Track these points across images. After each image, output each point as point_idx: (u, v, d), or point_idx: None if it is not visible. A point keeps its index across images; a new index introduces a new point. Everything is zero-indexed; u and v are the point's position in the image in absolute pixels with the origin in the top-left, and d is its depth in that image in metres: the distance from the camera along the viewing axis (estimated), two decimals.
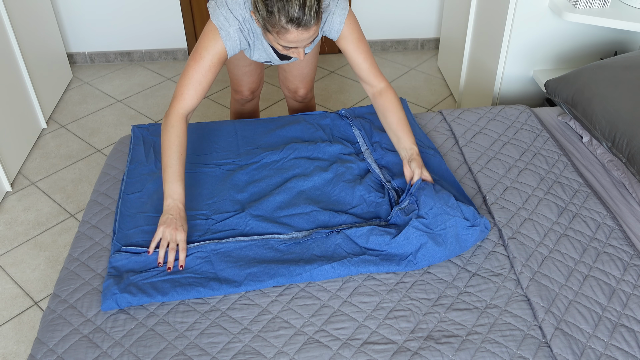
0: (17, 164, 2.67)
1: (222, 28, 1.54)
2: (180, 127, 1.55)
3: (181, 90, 1.57)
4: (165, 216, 1.48)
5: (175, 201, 1.50)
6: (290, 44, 1.45)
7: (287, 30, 1.41)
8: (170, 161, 1.52)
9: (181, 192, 1.51)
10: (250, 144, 1.89)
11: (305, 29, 1.41)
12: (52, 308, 1.38)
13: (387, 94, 1.69)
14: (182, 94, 1.57)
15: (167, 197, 1.50)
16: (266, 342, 1.28)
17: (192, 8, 3.49)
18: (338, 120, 2.00)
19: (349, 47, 1.66)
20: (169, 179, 1.51)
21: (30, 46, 2.89)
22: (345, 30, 1.64)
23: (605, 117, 1.76)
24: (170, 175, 1.51)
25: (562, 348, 1.25)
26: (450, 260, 1.48)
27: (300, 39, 1.44)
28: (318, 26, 1.44)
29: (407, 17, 3.63)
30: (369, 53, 1.68)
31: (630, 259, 1.47)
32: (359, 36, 1.66)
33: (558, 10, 2.26)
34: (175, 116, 1.56)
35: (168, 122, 1.55)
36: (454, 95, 3.17)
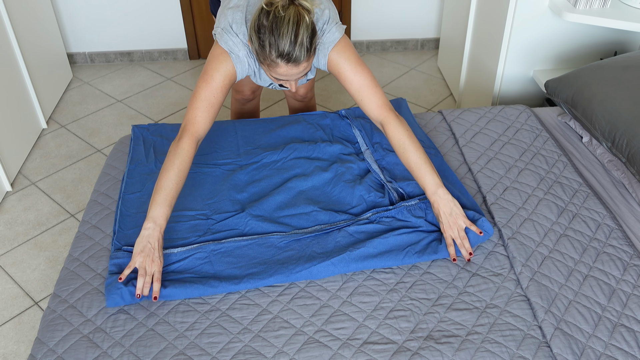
0: (17, 164, 2.67)
1: (232, 51, 1.54)
2: (189, 152, 1.48)
3: (193, 113, 1.52)
4: (143, 244, 1.39)
5: (157, 227, 1.40)
6: (280, 76, 1.46)
7: (277, 65, 1.42)
8: (166, 184, 1.44)
9: (165, 218, 1.42)
10: (250, 144, 1.89)
11: (295, 65, 1.42)
12: (52, 308, 1.38)
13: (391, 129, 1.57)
14: (195, 118, 1.52)
15: (149, 219, 1.41)
16: (266, 342, 1.28)
17: (192, 8, 3.49)
18: (338, 120, 2.00)
19: (340, 79, 1.60)
20: (159, 200, 1.42)
21: (30, 46, 2.89)
22: (332, 61, 1.58)
23: (605, 117, 1.76)
24: (161, 198, 1.42)
25: (562, 348, 1.25)
26: (450, 260, 1.48)
27: (290, 74, 1.45)
28: (309, 62, 1.45)
29: (407, 17, 3.63)
30: (363, 83, 1.57)
31: (630, 259, 1.47)
32: (350, 65, 1.57)
33: (558, 10, 2.26)
34: (186, 140, 1.49)
35: (178, 145, 1.48)
36: (454, 95, 3.17)
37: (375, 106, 1.59)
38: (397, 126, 1.57)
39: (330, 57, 1.58)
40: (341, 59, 1.58)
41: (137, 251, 1.39)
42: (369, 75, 1.59)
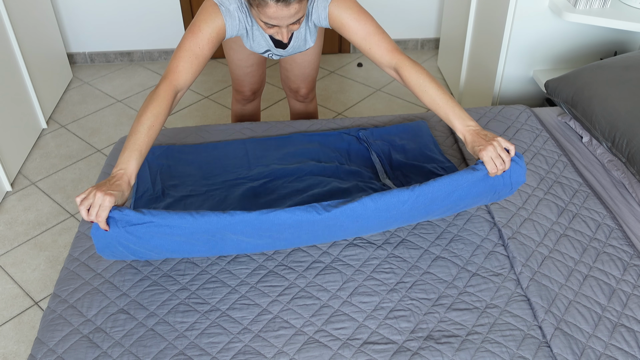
0: (17, 164, 2.67)
1: (222, 4, 1.50)
2: (166, 100, 1.41)
3: (175, 62, 1.46)
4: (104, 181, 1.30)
5: (123, 170, 1.31)
6: (270, 20, 1.40)
7: (267, 4, 1.36)
8: (140, 128, 1.36)
9: (134, 165, 1.33)
10: (261, 163, 1.78)
11: (285, 5, 1.36)
12: (52, 308, 1.39)
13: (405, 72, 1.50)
14: (177, 67, 1.45)
15: (118, 165, 1.33)
16: (266, 342, 1.28)
17: (192, 8, 3.49)
18: (355, 144, 1.87)
19: (344, 32, 1.54)
20: (129, 147, 1.34)
21: (30, 46, 2.89)
22: (332, 13, 1.53)
23: (605, 117, 1.76)
24: (131, 144, 1.34)
25: (562, 348, 1.25)
26: (450, 260, 1.48)
27: (280, 16, 1.38)
28: (301, 5, 1.38)
29: (407, 17, 3.63)
30: (368, 30, 1.52)
31: (630, 259, 1.47)
32: (352, 14, 1.51)
33: (558, 10, 2.26)
34: (164, 88, 1.42)
35: (155, 92, 1.42)
36: (454, 95, 3.17)
37: (385, 51, 1.53)
38: (412, 67, 1.50)
39: (331, 10, 1.53)
40: (342, 10, 1.52)
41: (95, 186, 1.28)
42: (373, 22, 1.53)
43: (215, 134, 1.99)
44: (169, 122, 3.04)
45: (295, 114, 2.33)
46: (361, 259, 1.49)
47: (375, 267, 1.46)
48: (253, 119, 2.35)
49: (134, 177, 1.33)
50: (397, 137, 1.90)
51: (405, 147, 1.84)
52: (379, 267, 1.46)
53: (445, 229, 1.58)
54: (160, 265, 1.48)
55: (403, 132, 1.93)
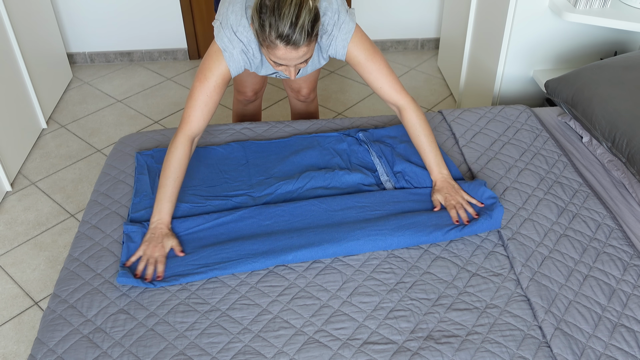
0: (17, 164, 2.67)
1: (225, 50, 1.55)
2: (184, 150, 1.57)
3: (188, 113, 1.58)
4: (149, 235, 1.51)
5: (162, 219, 1.53)
6: (279, 60, 1.45)
7: (276, 46, 1.41)
8: (166, 182, 1.55)
9: (168, 212, 1.54)
10: (262, 173, 1.77)
11: (294, 48, 1.41)
12: (52, 308, 1.39)
13: (405, 114, 1.68)
14: (190, 117, 1.58)
15: (155, 213, 1.54)
16: (266, 342, 1.28)
17: (192, 8, 3.49)
18: (355, 146, 1.87)
19: (358, 69, 1.66)
20: (161, 198, 1.54)
21: (30, 46, 2.89)
22: (350, 52, 1.62)
23: (605, 117, 1.76)
24: (163, 195, 1.54)
25: (562, 348, 1.25)
26: (450, 260, 1.48)
27: (288, 57, 1.44)
28: (309, 48, 1.44)
29: (407, 17, 3.63)
30: (381, 71, 1.65)
31: (630, 259, 1.47)
32: (368, 56, 1.63)
33: (558, 10, 2.26)
34: (181, 139, 1.57)
35: (173, 144, 1.58)
36: (454, 95, 3.17)
37: (394, 92, 1.67)
38: (415, 110, 1.68)
39: (350, 49, 1.62)
40: (359, 50, 1.62)
41: (144, 241, 1.49)
42: (385, 63, 1.66)
43: (215, 134, 1.98)
44: (170, 123, 3.04)
45: (296, 114, 2.33)
46: (361, 259, 1.49)
47: (375, 267, 1.47)
48: (254, 119, 2.35)
49: (170, 221, 1.55)
50: (398, 139, 1.89)
51: (406, 149, 1.84)
52: (379, 267, 1.46)
53: None
54: None
55: (404, 133, 1.92)
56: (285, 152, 1.85)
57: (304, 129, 2.01)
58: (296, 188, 1.70)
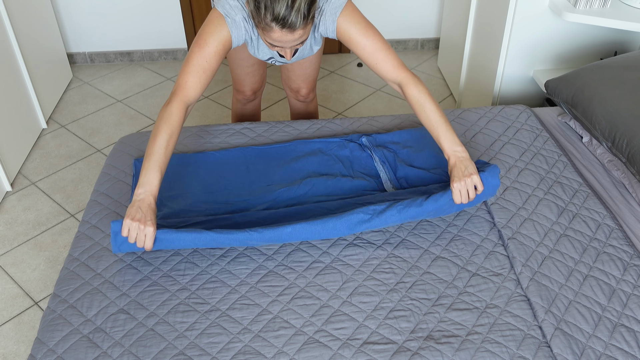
0: (17, 164, 2.67)
1: (228, 15, 1.51)
2: (178, 117, 1.47)
3: (184, 78, 1.50)
4: (134, 208, 1.39)
5: (147, 192, 1.41)
6: (274, 42, 1.43)
7: (272, 29, 1.38)
8: (155, 149, 1.43)
9: (156, 183, 1.42)
10: (263, 180, 1.73)
11: (290, 31, 1.38)
12: (52, 308, 1.38)
13: (407, 90, 1.56)
14: (186, 82, 1.49)
15: (140, 185, 1.42)
16: (266, 342, 1.28)
17: (192, 8, 3.49)
18: (358, 152, 1.83)
19: (351, 46, 1.57)
20: (148, 166, 1.43)
21: (30, 46, 2.89)
22: (340, 27, 1.55)
23: (605, 117, 1.76)
24: (151, 164, 1.43)
25: (562, 348, 1.25)
26: (450, 260, 1.48)
27: (284, 40, 1.41)
28: (305, 30, 1.41)
29: (407, 17, 3.63)
30: (375, 46, 1.55)
31: (630, 259, 1.47)
32: (360, 30, 1.54)
33: (558, 10, 2.26)
34: (176, 105, 1.48)
35: (166, 110, 1.48)
36: (454, 95, 3.17)
37: (391, 68, 1.57)
38: (415, 86, 1.55)
39: (339, 24, 1.54)
40: (350, 24, 1.54)
41: (127, 215, 1.39)
42: (380, 38, 1.56)
43: (215, 134, 1.98)
44: None
45: (295, 114, 2.33)
46: (361, 259, 1.49)
47: (375, 267, 1.47)
48: (253, 119, 2.35)
49: (156, 193, 1.43)
50: (401, 144, 1.86)
51: (410, 154, 1.81)
52: (379, 267, 1.46)
53: (445, 229, 1.58)
54: (160, 265, 1.48)
55: (408, 138, 1.89)
56: (286, 158, 1.81)
57: (304, 129, 2.01)
58: (297, 195, 1.67)
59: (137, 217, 1.38)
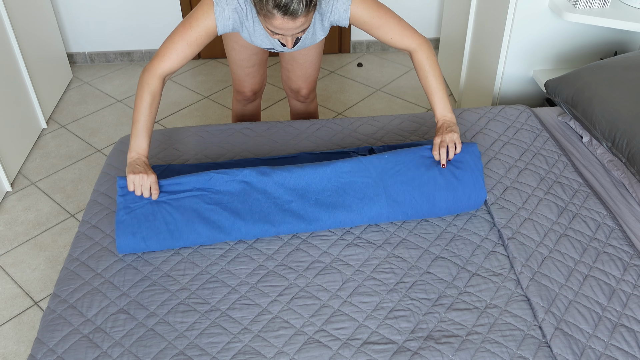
0: (17, 164, 2.67)
1: (217, 4, 1.52)
2: (157, 86, 1.56)
3: (164, 51, 1.56)
4: (132, 167, 1.50)
5: (140, 155, 1.53)
6: (276, 29, 1.43)
7: (273, 16, 1.39)
8: (140, 116, 1.54)
9: (145, 147, 1.54)
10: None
11: (292, 18, 1.38)
12: (52, 308, 1.39)
13: (415, 56, 1.66)
14: (164, 55, 1.56)
15: (132, 150, 1.53)
16: (266, 342, 1.28)
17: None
18: None
19: (365, 28, 1.63)
20: (137, 133, 1.53)
21: (30, 46, 2.89)
22: (354, 14, 1.59)
23: (605, 117, 1.76)
24: (139, 130, 1.53)
25: (562, 348, 1.25)
26: (450, 260, 1.48)
27: (286, 27, 1.41)
28: (307, 18, 1.41)
29: (407, 17, 3.63)
30: (389, 23, 1.61)
31: (630, 259, 1.47)
32: (373, 13, 1.59)
33: (558, 10, 2.26)
34: (152, 74, 1.56)
35: (144, 79, 1.56)
36: (454, 95, 3.17)
37: (404, 38, 1.65)
38: (423, 52, 1.65)
39: (353, 11, 1.58)
40: (363, 10, 1.58)
41: (129, 172, 1.50)
42: (391, 14, 1.63)
43: (215, 134, 1.98)
44: (169, 123, 3.04)
45: (295, 114, 2.33)
46: (361, 259, 1.49)
47: (375, 267, 1.47)
48: (253, 119, 2.35)
49: (147, 155, 1.55)
50: None
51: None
52: (379, 267, 1.46)
53: (445, 229, 1.58)
54: (160, 265, 1.48)
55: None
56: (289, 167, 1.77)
57: (304, 128, 2.01)
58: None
59: (137, 170, 1.49)
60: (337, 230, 1.57)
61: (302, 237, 1.56)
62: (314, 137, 1.96)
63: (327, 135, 1.97)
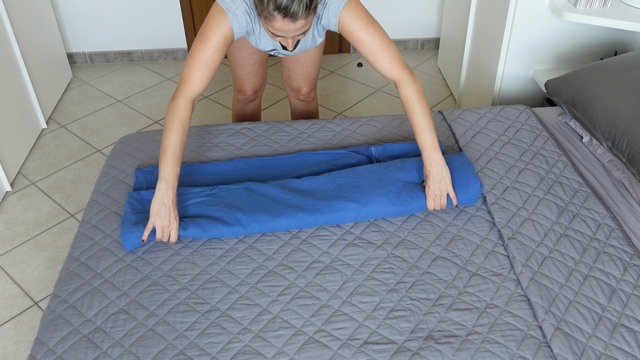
0: (17, 164, 2.67)
1: (229, 10, 1.52)
2: (186, 111, 1.53)
3: (188, 73, 1.54)
4: (158, 205, 1.48)
5: (169, 186, 1.49)
6: (276, 31, 1.44)
7: (274, 18, 1.39)
8: (170, 145, 1.51)
9: (175, 176, 1.51)
10: None
11: (292, 20, 1.39)
12: (52, 308, 1.38)
13: (402, 89, 1.59)
14: (190, 77, 1.54)
15: (161, 179, 1.50)
16: (266, 342, 1.28)
17: (192, 8, 3.49)
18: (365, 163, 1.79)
19: (352, 41, 1.58)
20: (166, 162, 1.50)
21: (30, 46, 2.89)
22: (342, 21, 1.56)
23: (605, 117, 1.76)
24: (168, 159, 1.50)
25: (562, 348, 1.25)
26: (450, 260, 1.48)
27: (286, 29, 1.42)
28: (307, 20, 1.42)
29: (407, 17, 3.63)
30: (375, 42, 1.56)
31: (630, 259, 1.47)
32: (362, 26, 1.55)
33: (558, 10, 2.26)
34: (182, 100, 1.53)
35: (174, 106, 1.53)
36: (454, 95, 3.17)
37: (389, 66, 1.59)
38: (409, 86, 1.58)
39: (342, 17, 1.55)
40: (353, 19, 1.55)
41: (153, 213, 1.49)
42: (382, 35, 1.57)
43: (215, 134, 1.98)
44: None
45: (296, 114, 2.33)
46: (361, 259, 1.49)
47: (375, 267, 1.47)
48: (254, 119, 2.35)
49: (176, 185, 1.52)
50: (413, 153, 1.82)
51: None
52: (379, 267, 1.46)
53: (445, 229, 1.58)
54: (160, 265, 1.48)
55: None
56: (290, 170, 1.78)
57: (304, 128, 2.01)
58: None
59: (162, 214, 1.48)
60: (337, 230, 1.58)
61: (302, 237, 1.56)
62: (314, 137, 1.96)
63: (327, 135, 1.97)
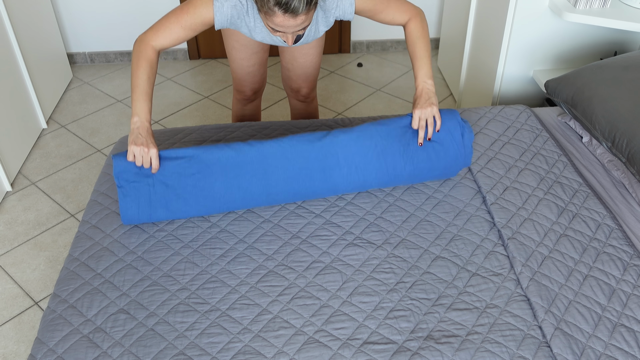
0: (17, 164, 2.67)
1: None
2: (153, 54, 1.57)
3: (159, 27, 1.57)
4: (134, 135, 1.50)
5: (142, 119, 1.52)
6: (276, 27, 1.44)
7: (274, 13, 1.40)
8: (139, 82, 1.53)
9: (147, 110, 1.53)
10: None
11: (292, 16, 1.39)
12: (52, 308, 1.39)
13: (407, 26, 1.69)
14: (158, 31, 1.57)
15: (134, 114, 1.53)
16: (266, 342, 1.28)
17: None
18: None
19: (369, 16, 1.67)
20: (137, 97, 1.53)
21: (30, 46, 2.89)
22: (359, 6, 1.62)
23: (605, 117, 1.76)
24: (139, 94, 1.53)
25: (562, 348, 1.25)
26: (450, 260, 1.48)
27: (286, 25, 1.42)
28: (308, 16, 1.42)
29: None
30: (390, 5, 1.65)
31: (630, 259, 1.47)
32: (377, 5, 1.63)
33: (558, 10, 2.26)
34: (147, 45, 1.57)
35: (140, 49, 1.56)
36: (454, 95, 3.17)
37: (401, 14, 1.68)
38: (414, 22, 1.68)
39: (357, 4, 1.61)
40: (368, 2, 1.62)
41: (130, 142, 1.51)
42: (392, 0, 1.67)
43: (215, 134, 1.98)
44: (169, 123, 3.04)
45: (295, 114, 2.33)
46: (361, 259, 1.49)
47: (375, 267, 1.47)
48: (253, 119, 2.35)
49: (150, 119, 1.55)
50: None
51: None
52: (379, 267, 1.46)
53: (445, 228, 1.58)
54: (160, 265, 1.48)
55: None
56: None
57: (304, 128, 2.01)
58: None
59: (139, 142, 1.49)
60: (337, 230, 1.58)
61: (302, 237, 1.56)
62: None
63: None
